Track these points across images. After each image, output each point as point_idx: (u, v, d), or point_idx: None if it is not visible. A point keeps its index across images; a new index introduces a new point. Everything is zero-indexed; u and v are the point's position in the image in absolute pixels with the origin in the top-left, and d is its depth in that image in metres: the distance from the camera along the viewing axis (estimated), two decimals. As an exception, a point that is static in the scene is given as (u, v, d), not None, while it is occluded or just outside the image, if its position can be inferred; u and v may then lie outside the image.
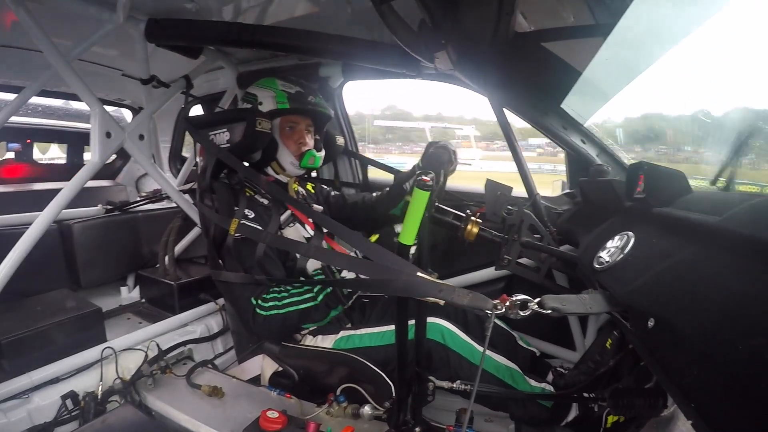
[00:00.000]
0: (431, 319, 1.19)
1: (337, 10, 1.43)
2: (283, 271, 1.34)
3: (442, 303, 0.73)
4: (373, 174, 2.18)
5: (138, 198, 2.39)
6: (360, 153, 2.28)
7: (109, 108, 2.21)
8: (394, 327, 1.13)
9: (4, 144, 2.99)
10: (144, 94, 1.85)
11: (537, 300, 0.69)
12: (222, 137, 1.35)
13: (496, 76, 1.32)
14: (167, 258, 1.98)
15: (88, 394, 1.33)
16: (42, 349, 1.37)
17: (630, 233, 0.83)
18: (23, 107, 1.82)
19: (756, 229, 0.56)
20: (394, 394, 1.10)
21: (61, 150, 3.72)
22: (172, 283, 1.88)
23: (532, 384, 1.25)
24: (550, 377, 1.32)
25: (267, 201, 1.39)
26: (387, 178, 1.98)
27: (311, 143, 1.51)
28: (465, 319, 1.40)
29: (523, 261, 1.33)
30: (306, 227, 1.46)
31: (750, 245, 0.54)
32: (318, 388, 1.29)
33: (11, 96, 1.87)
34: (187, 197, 1.97)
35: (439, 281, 0.75)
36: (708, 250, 0.62)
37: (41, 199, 1.44)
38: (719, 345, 0.48)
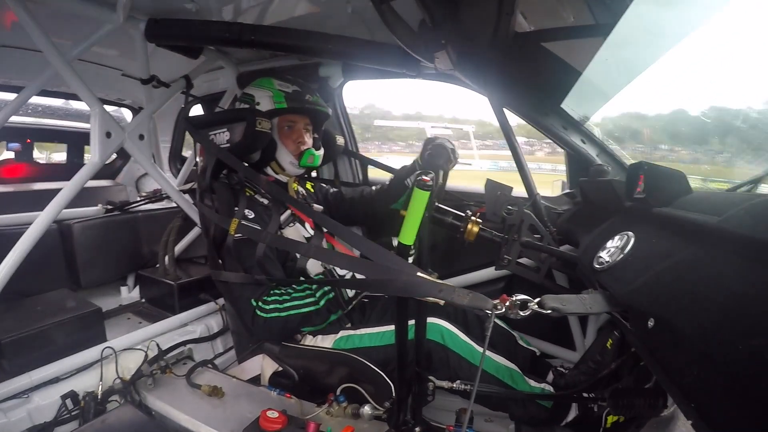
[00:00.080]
0: (431, 320, 1.19)
1: (337, 10, 1.43)
2: (282, 272, 1.34)
3: (442, 303, 0.73)
4: (373, 174, 2.18)
5: (138, 198, 2.39)
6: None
7: (109, 108, 2.21)
8: (393, 327, 1.13)
9: (4, 144, 2.99)
10: (144, 94, 1.85)
11: (537, 300, 0.69)
12: (222, 137, 1.36)
13: (496, 76, 1.32)
14: (167, 258, 1.98)
15: (88, 393, 1.33)
16: (42, 349, 1.37)
17: (630, 233, 0.83)
18: (23, 107, 1.81)
19: (756, 230, 0.56)
20: (394, 394, 1.10)
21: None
22: (172, 283, 1.88)
23: (531, 384, 1.25)
24: (550, 377, 1.32)
25: (267, 201, 1.39)
26: (387, 178, 1.98)
27: (310, 142, 1.51)
28: (465, 320, 1.40)
29: (523, 261, 1.33)
30: (306, 227, 1.46)
31: (750, 245, 0.54)
32: (318, 388, 1.29)
33: (11, 96, 1.87)
34: (187, 197, 1.97)
35: (439, 281, 0.75)
36: (708, 250, 0.62)
37: (41, 199, 1.44)
38: (719, 345, 0.48)
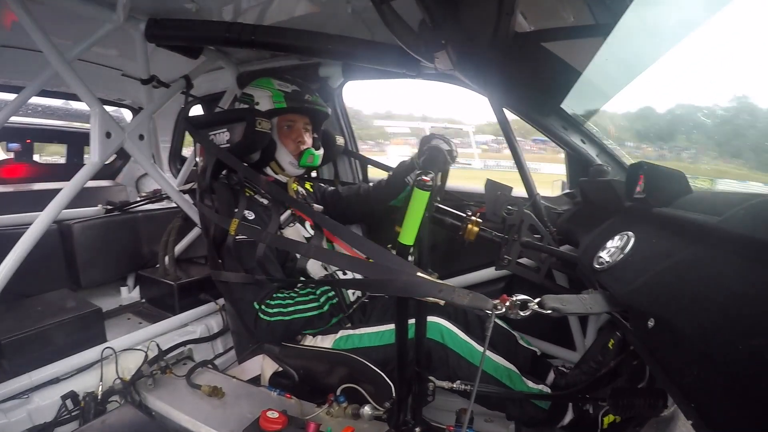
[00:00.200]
0: (431, 319, 1.19)
1: (337, 10, 1.42)
2: (282, 273, 1.34)
3: (442, 303, 0.73)
4: (374, 174, 2.18)
5: (138, 198, 2.38)
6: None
7: (109, 108, 2.21)
8: (393, 327, 1.13)
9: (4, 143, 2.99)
10: (144, 94, 1.85)
11: (537, 300, 0.69)
12: (222, 137, 1.36)
13: (496, 76, 1.32)
14: (167, 258, 1.97)
15: (88, 394, 1.33)
16: (42, 349, 1.36)
17: (630, 233, 0.83)
18: (23, 107, 1.81)
19: (755, 230, 0.56)
20: (394, 394, 1.10)
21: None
22: (172, 283, 1.88)
23: (529, 385, 1.25)
24: (549, 378, 1.32)
25: (267, 201, 1.39)
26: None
27: (309, 142, 1.51)
28: (466, 319, 1.40)
29: (523, 261, 1.33)
30: (306, 227, 1.46)
31: (750, 245, 0.54)
32: (318, 388, 1.29)
33: (11, 96, 1.87)
34: (187, 197, 1.97)
35: (439, 281, 0.75)
36: (708, 250, 0.62)
37: (41, 199, 1.43)
38: (719, 345, 0.48)
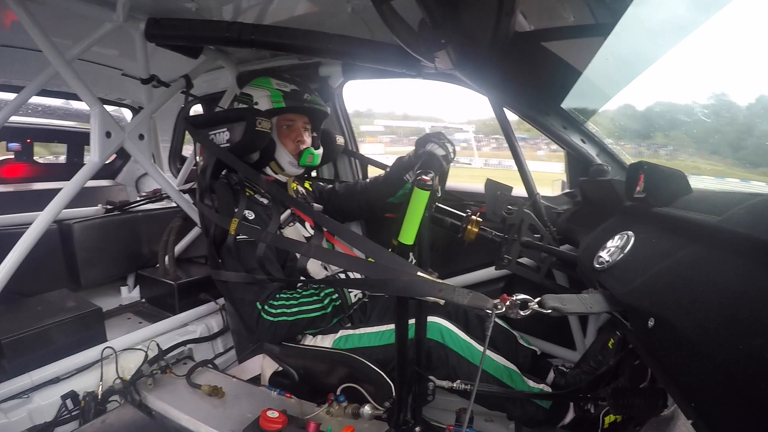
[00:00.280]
0: (431, 319, 1.19)
1: (337, 9, 1.42)
2: (282, 273, 1.34)
3: (442, 302, 0.73)
4: (374, 174, 2.18)
5: (138, 198, 2.38)
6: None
7: (109, 108, 2.21)
8: (393, 327, 1.13)
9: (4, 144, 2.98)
10: (144, 93, 1.85)
11: (537, 300, 0.69)
12: (222, 137, 1.36)
13: (496, 75, 1.32)
14: (167, 258, 1.97)
15: (88, 394, 1.33)
16: (42, 349, 1.36)
17: (630, 233, 0.83)
18: (23, 107, 1.81)
19: (755, 229, 0.56)
20: (394, 393, 1.10)
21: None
22: (172, 283, 1.88)
23: (530, 385, 1.25)
24: (550, 378, 1.32)
25: (267, 201, 1.39)
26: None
27: (309, 141, 1.51)
28: (466, 319, 1.40)
29: (523, 261, 1.33)
30: (306, 226, 1.46)
31: (750, 245, 0.54)
32: (318, 387, 1.29)
33: (11, 96, 1.87)
34: (187, 197, 1.97)
35: (440, 281, 0.75)
36: (708, 249, 0.62)
37: (41, 199, 1.43)
38: (719, 345, 0.48)
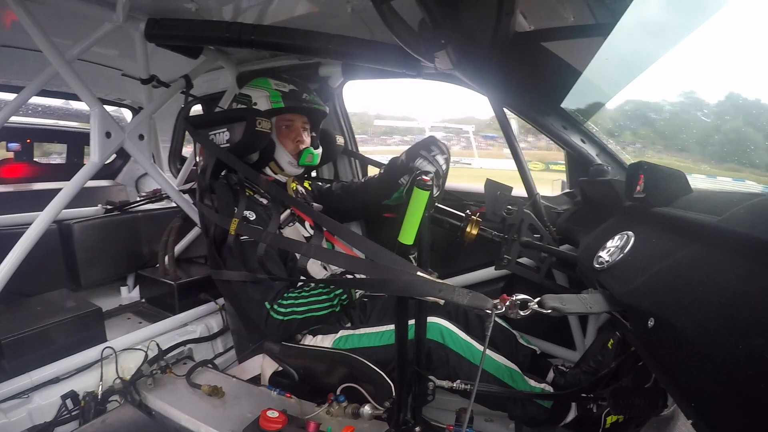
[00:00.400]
0: (431, 319, 1.19)
1: (337, 9, 1.42)
2: (285, 271, 1.35)
3: (442, 302, 0.73)
4: (374, 174, 2.18)
5: (138, 198, 2.38)
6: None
7: (109, 108, 2.21)
8: (393, 327, 1.13)
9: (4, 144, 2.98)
10: (144, 93, 1.85)
11: (537, 300, 0.69)
12: (222, 137, 1.35)
13: (496, 75, 1.32)
14: (167, 258, 1.97)
15: (88, 393, 1.33)
16: (42, 349, 1.36)
17: (630, 233, 0.83)
18: (23, 107, 1.81)
19: (755, 229, 0.56)
20: (394, 393, 1.10)
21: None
22: (172, 283, 1.88)
23: (531, 384, 1.25)
24: (550, 377, 1.32)
25: (266, 201, 1.39)
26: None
27: (308, 141, 1.51)
28: (466, 319, 1.39)
29: (523, 261, 1.33)
30: (306, 226, 1.46)
31: (750, 245, 0.54)
32: (318, 387, 1.29)
33: (11, 96, 1.87)
34: (187, 197, 1.97)
35: (439, 281, 0.75)
36: (708, 249, 0.62)
37: (41, 199, 1.43)
38: (719, 345, 0.48)
